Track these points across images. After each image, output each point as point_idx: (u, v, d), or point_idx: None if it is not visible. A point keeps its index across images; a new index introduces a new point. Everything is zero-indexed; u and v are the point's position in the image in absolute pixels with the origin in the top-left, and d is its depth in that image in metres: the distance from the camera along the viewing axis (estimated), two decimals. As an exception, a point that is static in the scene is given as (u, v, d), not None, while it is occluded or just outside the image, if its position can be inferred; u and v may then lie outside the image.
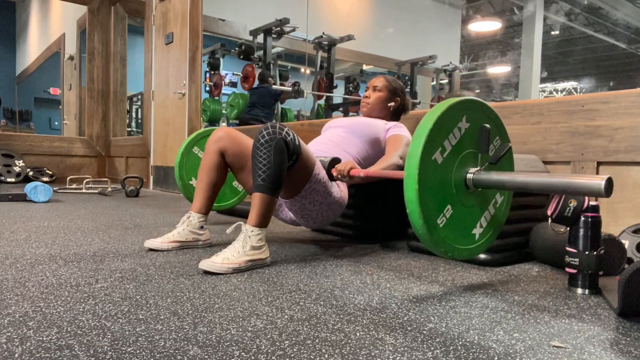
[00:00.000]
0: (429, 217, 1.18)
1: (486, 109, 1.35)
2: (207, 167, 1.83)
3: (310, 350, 0.87)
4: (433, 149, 1.19)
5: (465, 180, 1.28)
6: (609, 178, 1.09)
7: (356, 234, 2.14)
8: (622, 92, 1.77)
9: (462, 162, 1.28)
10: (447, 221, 1.23)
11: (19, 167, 5.04)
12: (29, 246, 1.75)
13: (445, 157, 1.23)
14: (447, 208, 1.24)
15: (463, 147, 1.28)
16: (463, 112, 1.27)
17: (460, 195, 1.28)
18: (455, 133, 1.25)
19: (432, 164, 1.19)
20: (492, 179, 1.26)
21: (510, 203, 1.46)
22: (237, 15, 6.91)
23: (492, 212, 1.39)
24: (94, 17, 6.00)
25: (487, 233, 1.38)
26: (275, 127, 1.55)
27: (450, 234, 1.25)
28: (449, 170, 1.25)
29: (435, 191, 1.21)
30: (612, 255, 1.45)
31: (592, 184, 1.10)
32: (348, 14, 8.00)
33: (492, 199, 1.39)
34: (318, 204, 1.74)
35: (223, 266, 1.41)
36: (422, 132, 1.18)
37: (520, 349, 0.91)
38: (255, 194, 1.53)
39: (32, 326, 0.94)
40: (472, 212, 1.33)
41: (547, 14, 10.58)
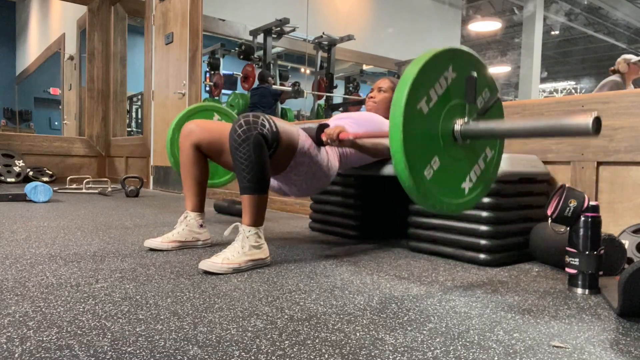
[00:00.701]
0: (415, 168, 1.14)
1: (473, 59, 1.29)
2: (186, 165, 1.81)
3: (310, 350, 0.87)
4: (418, 97, 1.15)
5: (453, 132, 1.23)
6: (596, 116, 1.04)
7: (356, 234, 2.14)
8: (622, 92, 1.77)
9: (450, 113, 1.23)
10: (434, 173, 1.19)
11: (19, 167, 5.04)
12: (29, 246, 1.75)
13: (431, 107, 1.18)
14: (434, 160, 1.19)
15: (450, 97, 1.23)
16: (449, 62, 1.22)
17: (448, 147, 1.23)
18: (441, 82, 1.20)
19: (417, 113, 1.15)
20: (480, 128, 1.21)
21: (500, 158, 1.41)
22: (237, 15, 6.91)
23: (482, 167, 1.33)
24: (94, 17, 6.00)
25: (477, 188, 1.32)
26: (249, 122, 1.50)
27: (438, 187, 1.20)
28: (435, 121, 1.20)
29: (421, 142, 1.16)
30: (612, 255, 1.45)
31: (579, 123, 1.05)
32: (348, 14, 8.00)
33: (481, 152, 1.34)
34: (304, 174, 1.71)
35: (223, 266, 1.41)
36: (406, 80, 1.13)
37: (520, 349, 0.91)
38: (244, 196, 1.53)
39: (32, 326, 0.94)
40: (461, 165, 1.28)
41: (547, 14, 10.58)
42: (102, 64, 6.04)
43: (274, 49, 7.17)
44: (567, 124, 1.08)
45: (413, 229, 1.88)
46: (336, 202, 2.24)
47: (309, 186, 1.78)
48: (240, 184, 1.53)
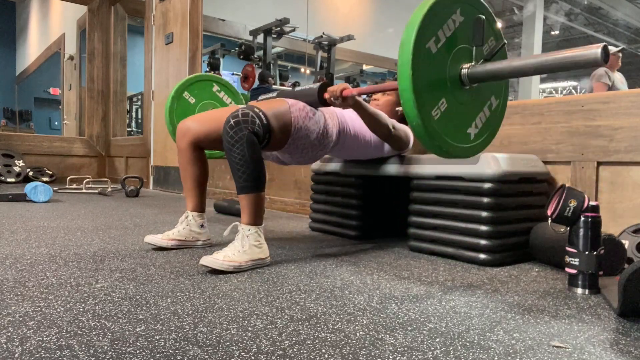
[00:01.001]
0: (424, 107, 1.14)
1: (481, 5, 1.30)
2: (185, 165, 1.80)
3: (310, 350, 0.87)
4: (427, 36, 1.15)
5: (460, 76, 1.24)
6: (604, 45, 1.05)
7: (356, 234, 2.14)
8: (622, 92, 1.77)
9: (457, 57, 1.23)
10: (441, 115, 1.19)
11: (19, 167, 5.04)
12: (29, 246, 1.75)
13: (439, 47, 1.18)
14: (441, 101, 1.19)
15: (457, 41, 1.23)
16: (457, 4, 1.23)
17: (455, 90, 1.23)
18: (449, 24, 1.21)
19: (426, 52, 1.15)
20: (487, 69, 1.22)
21: (505, 108, 1.41)
22: (237, 15, 6.91)
23: (487, 114, 1.34)
24: (94, 17, 6.00)
25: (482, 135, 1.33)
26: (239, 122, 1.49)
27: (445, 128, 1.20)
28: (443, 61, 1.20)
29: (430, 81, 1.17)
30: (612, 255, 1.45)
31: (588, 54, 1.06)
32: (348, 14, 8.00)
33: (487, 100, 1.34)
34: (302, 146, 1.69)
35: (224, 263, 1.41)
36: (416, 18, 1.14)
37: (520, 349, 0.91)
38: (241, 196, 1.53)
39: (32, 326, 0.94)
40: (467, 109, 1.28)
41: (547, 14, 10.58)
42: (102, 64, 6.04)
43: (274, 49, 7.17)
44: (576, 56, 1.08)
45: (413, 229, 1.88)
46: (336, 202, 2.24)
47: (306, 155, 1.75)
48: (237, 184, 1.53)
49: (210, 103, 2.35)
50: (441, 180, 1.79)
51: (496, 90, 1.37)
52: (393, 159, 2.00)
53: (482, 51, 1.28)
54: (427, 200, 1.83)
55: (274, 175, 3.25)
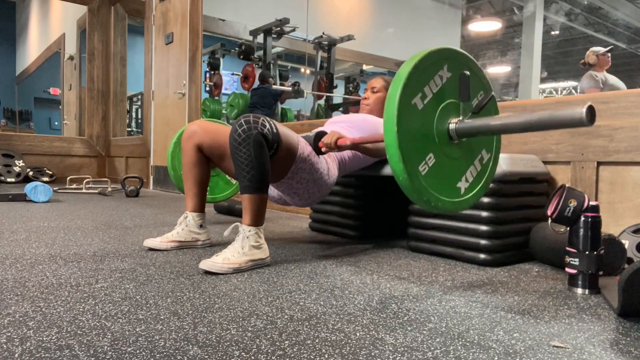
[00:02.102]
0: (410, 162, 1.14)
1: (468, 60, 1.31)
2: (188, 166, 1.81)
3: (310, 350, 0.87)
4: (413, 93, 1.16)
5: (448, 131, 1.25)
6: (589, 105, 1.05)
7: (356, 234, 2.14)
8: (622, 92, 1.77)
9: (445, 111, 1.24)
10: (429, 170, 1.19)
11: (19, 167, 5.04)
12: (29, 246, 1.75)
13: (425, 103, 1.19)
14: (429, 156, 1.20)
15: (445, 95, 1.24)
16: (444, 61, 1.24)
17: (443, 145, 1.24)
18: (436, 80, 1.22)
19: (411, 108, 1.16)
20: (474, 125, 1.22)
21: (497, 161, 1.42)
22: (237, 15, 6.90)
23: (478, 168, 1.34)
24: (94, 17, 6.00)
25: (474, 189, 1.33)
26: (249, 121, 1.50)
27: (433, 183, 1.21)
28: (430, 117, 1.21)
29: (416, 137, 1.18)
30: (612, 255, 1.45)
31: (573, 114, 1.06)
32: (348, 14, 8.00)
33: (477, 154, 1.35)
34: (305, 181, 1.71)
35: (224, 266, 1.41)
36: (401, 75, 1.15)
37: (520, 349, 0.91)
38: (244, 195, 1.53)
39: (32, 326, 0.94)
40: (457, 164, 1.29)
41: (547, 14, 10.57)
42: (102, 64, 6.04)
43: (274, 49, 7.17)
44: (561, 116, 1.08)
45: (413, 229, 1.88)
46: (336, 202, 2.24)
47: (310, 195, 1.78)
48: (240, 184, 1.53)
49: None
50: (441, 180, 1.78)
51: (487, 144, 1.38)
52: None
53: (470, 105, 1.29)
54: (427, 200, 1.83)
55: (274, 175, 3.24)
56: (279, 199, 1.90)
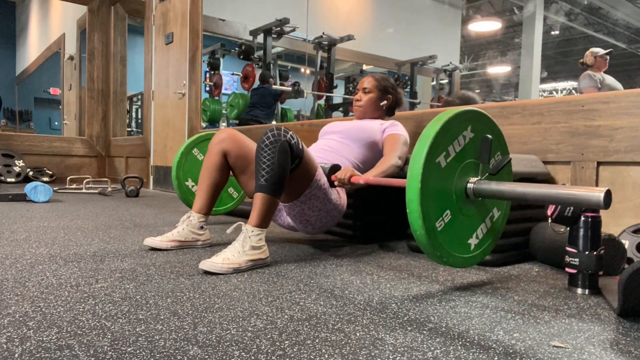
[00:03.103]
0: (429, 219, 1.18)
1: (491, 122, 1.38)
2: (210, 168, 1.83)
3: (310, 350, 0.87)
4: (438, 151, 1.21)
5: (466, 189, 1.30)
6: (607, 190, 1.10)
7: (356, 234, 2.14)
8: (622, 92, 1.77)
9: (464, 170, 1.29)
10: (444, 226, 1.24)
11: (19, 167, 5.04)
12: (29, 246, 1.75)
13: (448, 162, 1.24)
14: (446, 213, 1.24)
15: (465, 156, 1.29)
16: (469, 122, 1.29)
17: (459, 202, 1.29)
18: (460, 140, 1.27)
19: (435, 167, 1.20)
20: (492, 189, 1.27)
21: (505, 220, 1.47)
22: (237, 15, 6.90)
23: (488, 226, 1.40)
24: (94, 17, 6.00)
25: (483, 245, 1.38)
26: (280, 129, 1.56)
27: (447, 240, 1.25)
28: (451, 176, 1.26)
29: (437, 194, 1.22)
30: (612, 255, 1.45)
31: (591, 196, 1.12)
32: (348, 14, 8.00)
33: (489, 212, 1.40)
34: (317, 209, 1.75)
35: (224, 266, 1.41)
36: (429, 133, 1.19)
37: (520, 349, 0.91)
38: (257, 194, 1.53)
39: (32, 326, 0.94)
40: (470, 221, 1.34)
41: (547, 14, 10.57)
42: (102, 64, 6.04)
43: (274, 49, 7.17)
44: (578, 196, 1.14)
45: (413, 229, 1.88)
46: (336, 202, 2.24)
47: (322, 223, 1.82)
48: (257, 181, 1.54)
49: None
50: (441, 180, 1.79)
51: (499, 203, 1.43)
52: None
53: (488, 165, 1.34)
54: (427, 200, 1.83)
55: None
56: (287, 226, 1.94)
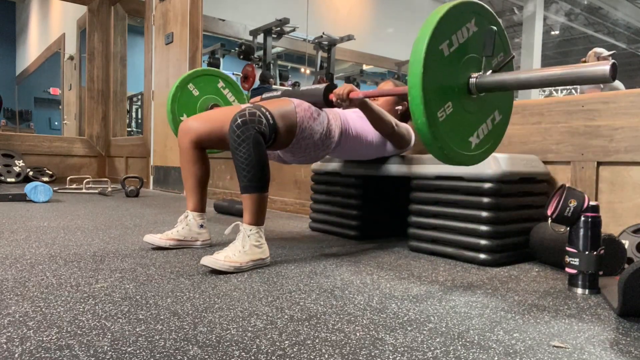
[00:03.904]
0: (430, 106, 1.15)
1: (495, 19, 1.32)
2: (187, 165, 1.81)
3: (310, 350, 0.87)
4: (441, 38, 1.17)
5: (468, 84, 1.26)
6: (613, 63, 1.05)
7: (356, 234, 2.14)
8: (622, 92, 1.77)
9: (466, 65, 1.25)
10: (446, 117, 1.20)
11: (19, 167, 5.04)
12: (29, 246, 1.75)
13: (451, 51, 1.20)
14: (448, 104, 1.20)
15: (468, 49, 1.25)
16: (473, 14, 1.25)
17: (461, 97, 1.25)
18: (463, 31, 1.23)
19: (438, 53, 1.17)
20: (495, 79, 1.23)
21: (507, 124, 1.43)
22: (237, 15, 6.91)
23: (489, 127, 1.36)
24: (94, 17, 6.00)
25: (483, 146, 1.34)
26: (245, 121, 1.49)
27: (448, 132, 1.21)
28: (453, 66, 1.22)
29: (439, 83, 1.18)
30: (612, 255, 1.45)
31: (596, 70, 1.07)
32: (348, 14, 8.00)
33: (491, 113, 1.36)
34: (304, 147, 1.70)
35: (225, 264, 1.41)
36: (433, 18, 1.16)
37: (520, 349, 0.91)
38: (244, 195, 1.53)
39: (32, 326, 0.94)
40: (472, 118, 1.30)
41: (547, 14, 10.57)
42: (102, 64, 6.04)
43: (274, 49, 7.17)
44: (584, 72, 1.09)
45: (413, 229, 1.88)
46: (336, 202, 2.24)
47: (311, 157, 1.77)
48: (241, 183, 1.53)
49: (213, 98, 2.33)
50: (441, 180, 1.79)
51: (501, 106, 1.39)
52: (393, 159, 2.00)
53: (490, 63, 1.30)
54: (427, 200, 1.83)
55: (274, 175, 3.25)
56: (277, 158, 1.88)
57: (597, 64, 1.08)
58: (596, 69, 1.07)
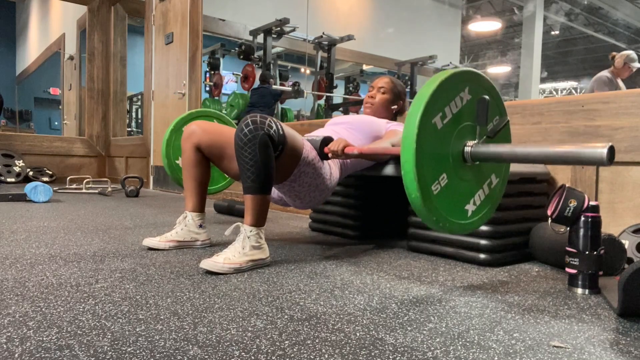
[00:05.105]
0: (424, 181, 1.15)
1: (488, 84, 1.33)
2: (188, 166, 1.81)
3: (310, 350, 0.87)
4: (434, 112, 1.17)
5: (463, 153, 1.26)
6: (610, 146, 1.06)
7: (356, 234, 2.14)
8: (622, 92, 1.77)
9: (461, 133, 1.25)
10: (441, 190, 1.20)
11: (19, 167, 5.04)
12: (29, 246, 1.75)
13: (444, 123, 1.20)
14: (442, 176, 1.21)
15: (462, 118, 1.25)
16: (466, 83, 1.26)
17: (456, 166, 1.25)
18: (456, 102, 1.23)
19: (431, 127, 1.17)
20: (490, 151, 1.23)
21: (505, 186, 1.43)
22: (237, 15, 6.90)
23: (486, 192, 1.36)
24: (94, 17, 6.00)
25: (480, 212, 1.35)
26: (256, 122, 1.49)
27: (444, 204, 1.22)
28: (447, 138, 1.22)
29: (432, 156, 1.19)
30: (612, 255, 1.45)
31: (593, 153, 1.07)
32: (348, 14, 8.00)
33: (487, 178, 1.36)
34: (307, 185, 1.71)
35: (225, 266, 1.41)
36: (425, 93, 1.16)
37: (520, 349, 0.91)
38: (247, 196, 1.53)
39: (32, 326, 0.94)
40: (467, 186, 1.30)
41: (547, 14, 10.57)
42: (102, 64, 6.04)
43: (274, 49, 7.17)
44: (580, 153, 1.10)
45: (413, 229, 1.88)
46: (336, 202, 2.24)
47: (311, 198, 1.78)
48: (244, 184, 1.53)
49: None
50: (441, 180, 1.78)
51: (497, 169, 1.40)
52: (393, 159, 2.00)
53: (485, 128, 1.31)
54: (427, 200, 1.83)
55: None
56: (279, 200, 1.90)
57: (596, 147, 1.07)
58: (594, 151, 1.07)
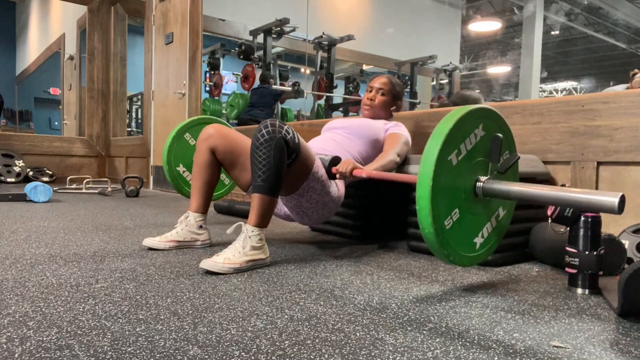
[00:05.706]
0: (438, 217, 1.18)
1: (501, 120, 1.38)
2: (200, 166, 1.82)
3: (310, 350, 0.87)
4: (450, 149, 1.20)
5: (475, 188, 1.29)
6: (622, 196, 1.08)
7: (356, 234, 2.14)
8: (622, 92, 1.77)
9: (473, 169, 1.29)
10: (453, 224, 1.23)
11: (19, 167, 5.04)
12: (29, 246, 1.75)
13: (459, 160, 1.23)
14: (454, 211, 1.23)
15: (476, 154, 1.29)
16: (481, 120, 1.29)
17: (468, 201, 1.28)
18: (471, 138, 1.26)
19: (447, 165, 1.20)
20: (502, 189, 1.26)
21: (509, 220, 1.47)
22: (237, 15, 6.90)
23: (494, 225, 1.39)
24: (94, 17, 6.00)
25: (487, 244, 1.38)
26: (274, 125, 1.53)
27: (455, 238, 1.25)
28: (461, 174, 1.25)
29: (447, 192, 1.21)
30: (612, 255, 1.45)
31: (605, 201, 1.09)
32: (348, 14, 8.00)
33: (495, 211, 1.40)
34: (314, 202, 1.73)
35: (225, 266, 1.41)
36: (442, 131, 1.18)
37: (520, 349, 0.91)
38: (255, 194, 1.53)
39: (32, 326, 0.94)
40: (477, 220, 1.33)
41: (547, 14, 10.57)
42: (102, 64, 6.04)
43: (274, 49, 7.17)
44: (592, 200, 1.12)
45: (413, 229, 1.88)
46: (336, 202, 2.23)
47: (319, 215, 1.80)
48: (254, 182, 1.53)
49: None
50: (441, 180, 1.78)
51: (504, 202, 1.42)
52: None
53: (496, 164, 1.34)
54: (427, 200, 1.83)
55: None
56: (285, 217, 1.92)
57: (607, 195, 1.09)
58: (606, 199, 1.09)
